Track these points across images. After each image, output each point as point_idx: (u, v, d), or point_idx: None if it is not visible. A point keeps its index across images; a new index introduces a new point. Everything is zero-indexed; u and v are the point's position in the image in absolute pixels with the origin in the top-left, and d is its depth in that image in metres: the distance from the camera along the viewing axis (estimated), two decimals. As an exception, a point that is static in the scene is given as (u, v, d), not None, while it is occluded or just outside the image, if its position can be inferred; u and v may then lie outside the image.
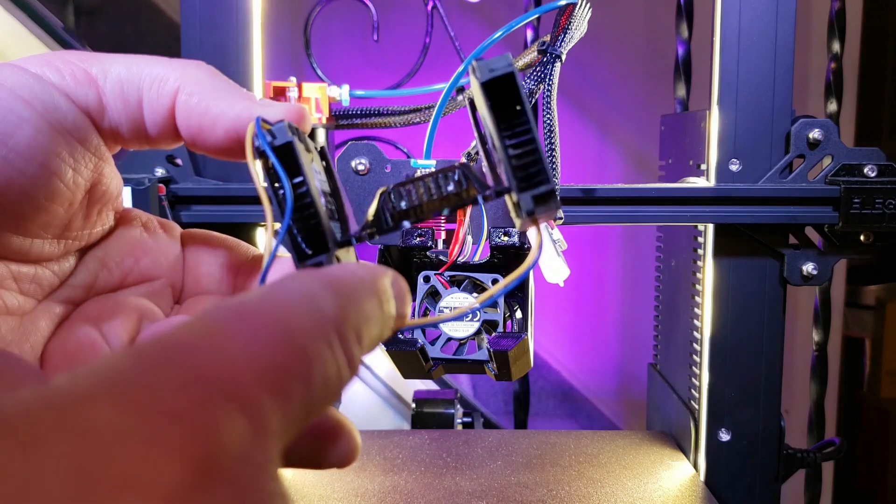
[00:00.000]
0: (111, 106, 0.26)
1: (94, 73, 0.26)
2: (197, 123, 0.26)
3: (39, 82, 0.25)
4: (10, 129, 0.24)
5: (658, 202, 0.58)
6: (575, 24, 0.50)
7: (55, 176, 0.25)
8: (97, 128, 0.27)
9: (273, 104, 0.27)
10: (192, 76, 0.27)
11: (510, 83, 0.25)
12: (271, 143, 0.24)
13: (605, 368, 1.38)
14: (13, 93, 0.25)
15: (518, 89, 0.25)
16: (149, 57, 0.27)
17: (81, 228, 0.28)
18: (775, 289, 0.61)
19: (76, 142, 0.26)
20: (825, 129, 0.58)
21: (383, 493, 0.59)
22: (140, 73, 0.26)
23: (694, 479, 0.63)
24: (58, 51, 0.27)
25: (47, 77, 0.25)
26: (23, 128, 0.25)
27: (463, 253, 0.51)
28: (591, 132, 1.31)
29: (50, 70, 0.26)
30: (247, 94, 0.27)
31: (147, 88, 0.26)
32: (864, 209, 0.57)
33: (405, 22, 1.03)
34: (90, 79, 0.26)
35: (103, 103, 0.26)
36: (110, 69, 0.26)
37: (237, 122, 0.26)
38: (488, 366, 0.51)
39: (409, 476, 0.63)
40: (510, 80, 0.25)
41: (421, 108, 0.60)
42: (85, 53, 0.27)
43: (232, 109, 0.26)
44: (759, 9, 0.59)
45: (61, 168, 0.26)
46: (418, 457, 0.66)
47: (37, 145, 0.25)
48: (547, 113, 0.49)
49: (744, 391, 0.62)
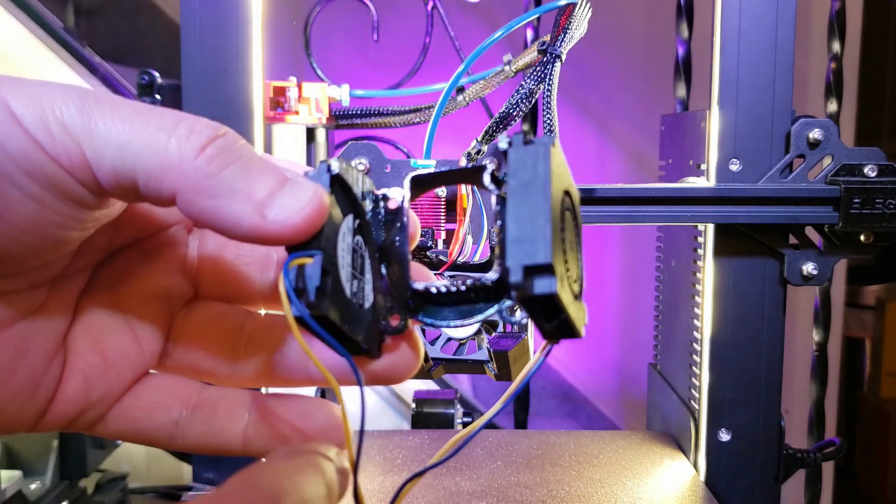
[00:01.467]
0: (110, 190, 0.24)
1: (87, 155, 0.23)
2: (199, 222, 0.24)
3: (37, 151, 0.23)
4: (12, 206, 0.23)
5: (658, 202, 0.58)
6: (575, 23, 0.50)
7: (60, 241, 0.25)
8: (98, 195, 0.24)
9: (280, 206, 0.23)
10: (193, 175, 0.23)
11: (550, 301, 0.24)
12: (309, 304, 0.23)
13: (605, 368, 1.38)
14: (15, 163, 0.23)
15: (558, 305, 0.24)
16: (151, 127, 0.23)
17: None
18: (775, 289, 0.61)
19: (82, 208, 0.24)
20: (825, 128, 0.58)
21: (383, 494, 0.59)
22: (135, 163, 0.23)
23: (694, 480, 0.63)
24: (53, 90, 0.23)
25: (45, 145, 0.23)
26: (26, 204, 0.23)
27: (463, 253, 0.51)
28: (591, 132, 1.31)
29: (47, 136, 0.23)
30: (250, 194, 0.23)
31: (145, 186, 0.23)
32: (865, 209, 0.57)
33: (405, 22, 1.03)
34: (83, 162, 0.23)
35: (101, 187, 0.24)
36: (104, 154, 0.23)
37: (245, 239, 0.24)
38: (488, 366, 0.51)
39: (409, 476, 0.63)
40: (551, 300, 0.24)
41: (421, 108, 0.60)
42: (79, 111, 0.23)
43: (235, 229, 0.23)
44: (759, 9, 0.59)
45: (66, 234, 0.25)
46: (418, 457, 0.66)
47: (40, 219, 0.23)
48: (547, 113, 0.49)
49: (744, 391, 0.62)
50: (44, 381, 0.26)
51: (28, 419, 0.26)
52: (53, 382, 0.26)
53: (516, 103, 0.49)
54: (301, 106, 0.63)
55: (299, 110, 0.63)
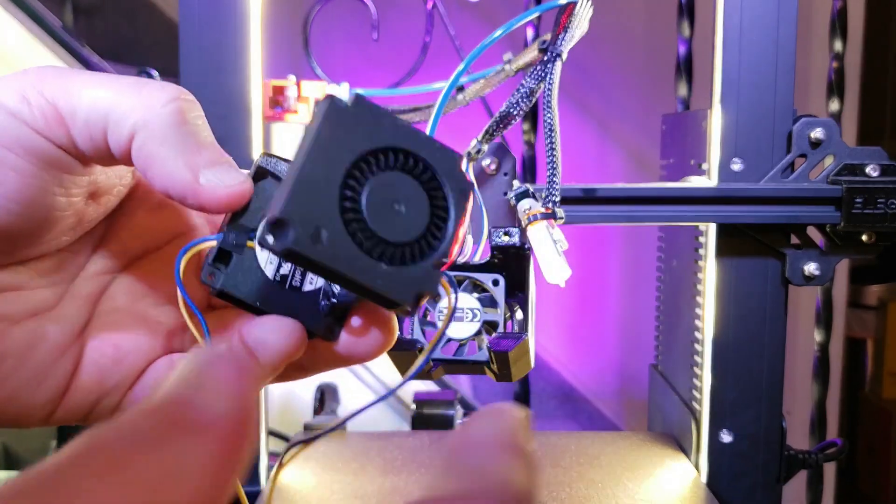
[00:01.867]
0: (83, 145, 0.26)
1: (63, 112, 0.26)
2: (143, 172, 0.26)
3: (16, 123, 0.25)
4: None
5: (659, 202, 0.58)
6: (576, 22, 0.49)
7: (48, 208, 0.26)
8: (76, 157, 0.26)
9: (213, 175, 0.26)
10: (152, 120, 0.25)
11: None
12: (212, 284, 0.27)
13: (605, 369, 1.37)
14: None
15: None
16: (122, 84, 0.26)
17: (95, 216, 0.28)
18: (777, 289, 0.61)
19: (62, 172, 0.26)
20: (827, 128, 0.58)
21: (383, 495, 0.59)
22: (106, 111, 0.26)
23: (695, 481, 0.62)
24: (31, 72, 0.26)
25: (23, 115, 0.25)
26: (8, 175, 0.25)
27: (463, 253, 0.51)
28: (591, 132, 1.31)
29: (25, 107, 0.25)
30: (194, 154, 0.26)
31: (111, 132, 0.26)
32: (867, 209, 0.57)
33: (405, 21, 1.02)
34: (59, 119, 0.26)
35: (75, 144, 0.26)
36: (78, 106, 0.26)
37: (171, 191, 0.26)
38: (488, 366, 0.50)
39: (408, 477, 0.62)
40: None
41: (421, 108, 0.60)
42: (56, 78, 0.26)
43: (168, 178, 0.26)
44: (760, 8, 0.58)
45: (52, 200, 0.26)
46: (418, 458, 0.66)
47: (24, 188, 0.25)
48: (548, 112, 0.48)
49: (745, 392, 0.62)
50: (53, 373, 0.27)
51: (39, 410, 0.28)
52: (64, 374, 0.28)
53: (516, 102, 0.49)
54: (300, 105, 0.63)
55: (298, 109, 0.63)
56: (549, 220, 0.48)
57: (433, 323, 0.52)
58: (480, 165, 0.53)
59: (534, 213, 0.49)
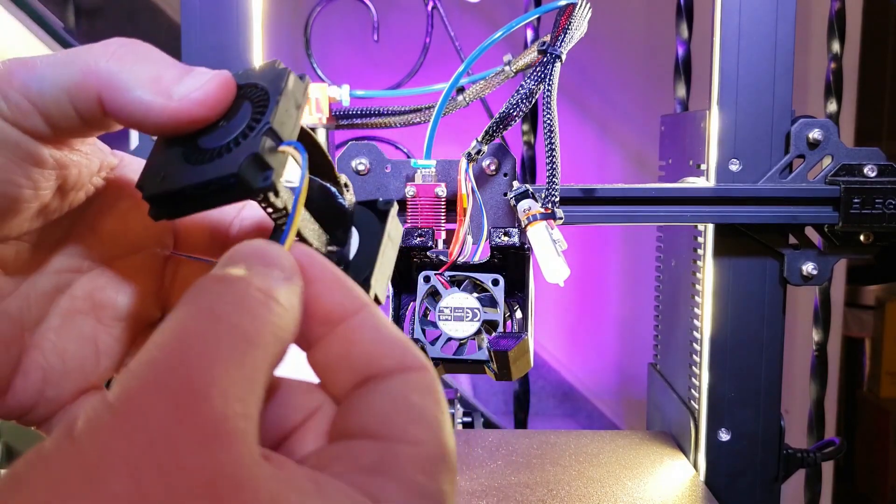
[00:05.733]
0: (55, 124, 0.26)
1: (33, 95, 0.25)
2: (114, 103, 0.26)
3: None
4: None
5: (658, 202, 0.58)
6: (575, 24, 0.50)
7: (15, 199, 0.26)
8: (48, 141, 0.26)
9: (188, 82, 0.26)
10: (112, 61, 0.25)
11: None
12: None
13: (605, 368, 1.38)
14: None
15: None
16: (77, 50, 0.26)
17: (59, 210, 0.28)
18: (775, 289, 0.61)
19: (30, 165, 0.26)
20: (825, 129, 0.58)
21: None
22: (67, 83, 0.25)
23: (694, 479, 0.63)
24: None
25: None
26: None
27: (463, 253, 0.51)
28: (591, 132, 1.32)
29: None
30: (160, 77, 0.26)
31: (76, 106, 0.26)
32: (864, 209, 0.57)
33: (405, 22, 1.03)
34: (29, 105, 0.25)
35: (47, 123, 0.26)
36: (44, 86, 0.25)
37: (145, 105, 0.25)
38: (488, 365, 0.51)
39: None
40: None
41: (421, 108, 0.60)
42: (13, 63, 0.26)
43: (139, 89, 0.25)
44: (759, 9, 0.59)
45: (19, 193, 0.26)
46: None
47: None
48: (547, 113, 0.49)
49: (744, 391, 0.62)
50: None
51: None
52: (5, 365, 0.27)
53: (516, 103, 0.49)
54: (301, 106, 0.63)
55: (299, 110, 0.63)
56: (548, 220, 0.49)
57: (433, 322, 0.52)
58: (480, 166, 0.54)
59: (533, 214, 0.49)
